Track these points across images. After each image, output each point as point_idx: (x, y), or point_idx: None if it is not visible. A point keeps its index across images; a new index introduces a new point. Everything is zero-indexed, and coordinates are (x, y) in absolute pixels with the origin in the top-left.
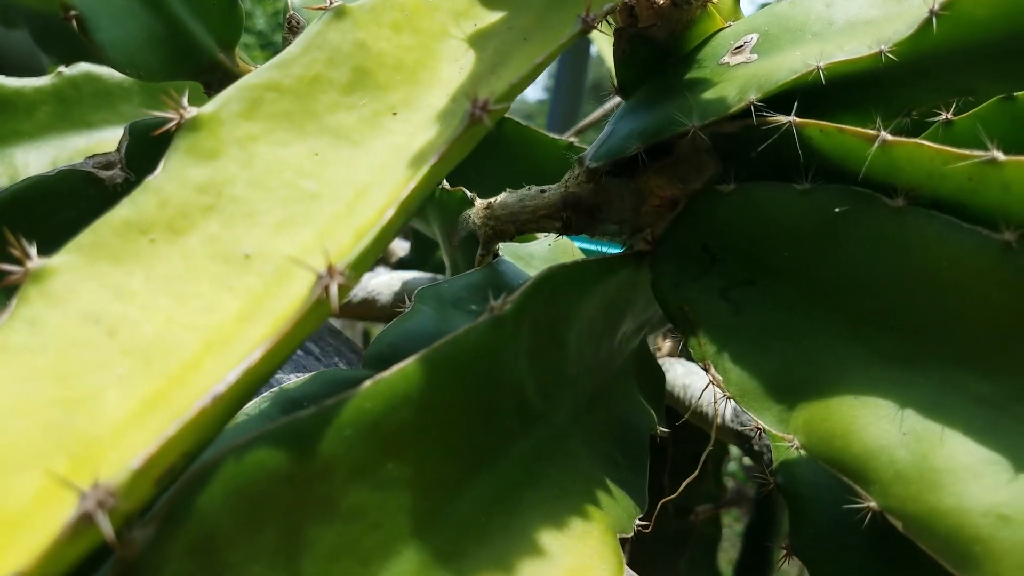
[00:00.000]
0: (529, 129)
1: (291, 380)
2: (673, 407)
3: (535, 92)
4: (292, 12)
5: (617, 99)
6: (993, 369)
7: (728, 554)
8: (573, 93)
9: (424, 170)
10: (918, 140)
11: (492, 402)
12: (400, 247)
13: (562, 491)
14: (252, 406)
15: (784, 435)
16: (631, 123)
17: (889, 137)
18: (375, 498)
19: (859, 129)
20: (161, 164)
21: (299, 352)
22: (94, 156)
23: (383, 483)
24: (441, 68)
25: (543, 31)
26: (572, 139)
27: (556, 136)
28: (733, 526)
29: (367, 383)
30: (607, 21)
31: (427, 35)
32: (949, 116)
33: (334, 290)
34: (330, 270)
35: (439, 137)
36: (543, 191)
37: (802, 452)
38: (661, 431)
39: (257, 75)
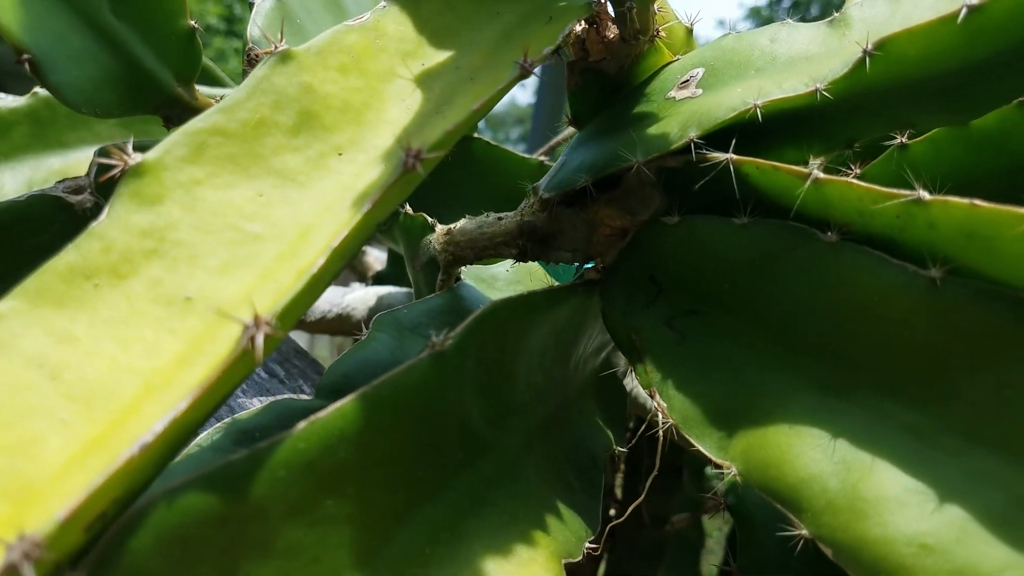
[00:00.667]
0: (499, 149)
1: (253, 404)
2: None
3: (526, 96)
4: (251, 46)
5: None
6: (921, 400)
7: (718, 556)
8: (557, 99)
9: (357, 218)
10: (848, 179)
11: (436, 435)
12: (378, 260)
13: (511, 518)
14: (205, 437)
15: (723, 462)
16: (582, 155)
17: (821, 175)
18: (313, 534)
19: (792, 167)
20: (106, 210)
21: (263, 375)
22: (64, 181)
23: (321, 520)
24: (388, 108)
25: (490, 71)
26: (543, 158)
27: (526, 156)
28: (724, 528)
29: (302, 424)
30: (558, 55)
31: (374, 76)
32: (904, 140)
33: (259, 341)
34: (256, 320)
35: (377, 181)
36: (500, 218)
37: (739, 479)
38: (619, 450)
39: (203, 120)
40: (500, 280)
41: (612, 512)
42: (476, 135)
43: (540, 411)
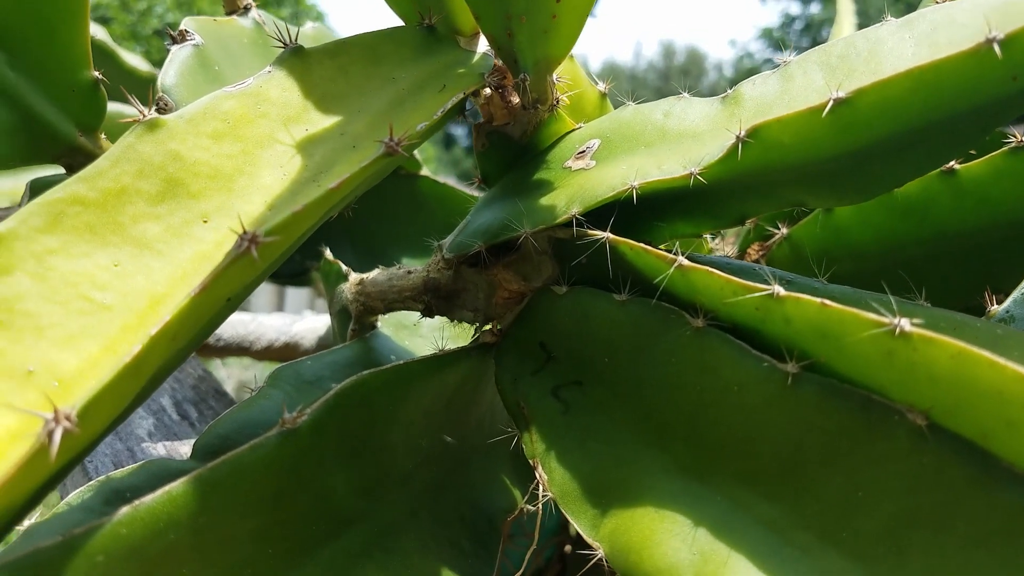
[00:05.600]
0: (445, 186)
1: (159, 449)
2: None
3: None
4: (161, 94)
5: None
6: (777, 493)
7: None
8: None
9: (183, 303)
10: (709, 269)
11: (289, 512)
12: None
13: None
14: (76, 495)
15: (593, 542)
16: (481, 218)
17: (685, 262)
18: None
19: (660, 252)
20: None
21: (174, 417)
22: None
23: None
24: (262, 175)
25: (372, 140)
26: None
27: (473, 193)
28: None
29: (124, 509)
30: (464, 119)
31: (251, 142)
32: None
33: (57, 437)
34: (56, 415)
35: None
36: (410, 272)
37: (606, 563)
38: (528, 508)
39: (62, 189)
40: (425, 327)
41: (568, 548)
42: (423, 173)
43: (427, 476)
